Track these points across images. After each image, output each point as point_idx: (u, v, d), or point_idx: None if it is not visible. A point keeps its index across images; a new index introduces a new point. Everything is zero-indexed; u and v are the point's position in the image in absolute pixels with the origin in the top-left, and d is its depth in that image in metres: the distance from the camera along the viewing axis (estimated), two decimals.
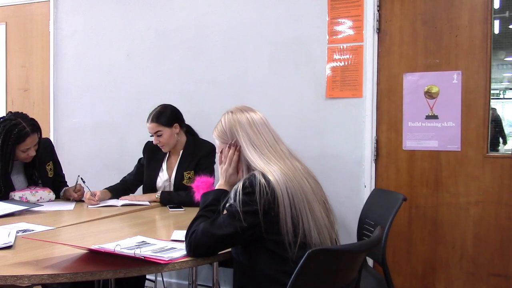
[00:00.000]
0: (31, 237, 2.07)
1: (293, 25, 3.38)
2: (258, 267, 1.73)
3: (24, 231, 2.17)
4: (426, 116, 3.09)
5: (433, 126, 3.07)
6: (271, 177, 1.69)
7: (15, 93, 4.45)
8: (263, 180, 1.68)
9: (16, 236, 2.01)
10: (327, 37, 3.28)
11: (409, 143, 3.14)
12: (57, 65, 4.19)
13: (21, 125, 2.79)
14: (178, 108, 3.10)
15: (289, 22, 3.39)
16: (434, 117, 3.07)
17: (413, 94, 3.12)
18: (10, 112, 2.93)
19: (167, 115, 2.99)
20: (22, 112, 2.90)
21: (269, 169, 1.73)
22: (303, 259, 1.47)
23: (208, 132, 2.02)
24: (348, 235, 3.04)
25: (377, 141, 3.20)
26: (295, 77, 3.38)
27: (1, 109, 4.52)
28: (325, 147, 3.30)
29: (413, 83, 3.12)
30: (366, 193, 3.12)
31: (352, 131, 3.23)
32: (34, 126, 2.85)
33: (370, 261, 2.99)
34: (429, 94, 3.09)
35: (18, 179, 2.96)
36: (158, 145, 3.01)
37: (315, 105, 3.32)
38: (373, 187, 3.17)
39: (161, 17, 3.79)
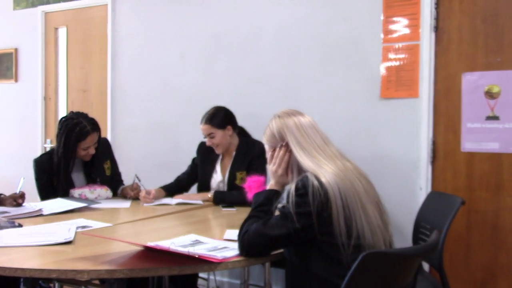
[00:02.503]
0: (90, 233, 2.14)
1: (346, 25, 3.33)
2: (311, 269, 1.72)
3: (83, 227, 2.24)
4: (487, 117, 2.97)
5: (494, 128, 2.95)
6: (323, 179, 1.68)
7: (75, 94, 4.62)
8: (315, 182, 1.67)
9: (75, 232, 2.09)
10: (382, 36, 3.22)
11: (468, 144, 3.03)
12: (114, 66, 4.31)
13: (82, 124, 2.91)
14: (230, 109, 3.12)
15: (342, 22, 3.35)
16: (495, 118, 2.95)
17: (473, 94, 3.01)
18: (72, 112, 3.05)
19: (220, 117, 3.01)
20: (83, 112, 3.01)
21: (321, 170, 1.72)
22: (357, 261, 1.45)
23: (260, 133, 2.03)
24: (403, 239, 2.97)
25: (433, 143, 3.10)
26: (348, 77, 3.33)
27: (62, 109, 4.69)
28: (379, 148, 3.24)
29: (473, 82, 3.01)
30: (421, 196, 3.04)
31: (407, 132, 3.15)
32: (94, 125, 2.96)
33: (426, 266, 2.91)
34: (489, 94, 2.97)
35: (77, 177, 3.08)
36: (211, 146, 3.04)
37: (369, 106, 3.26)
38: (429, 189, 3.08)
39: (214, 19, 3.83)
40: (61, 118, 3.01)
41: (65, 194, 2.94)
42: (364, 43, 3.27)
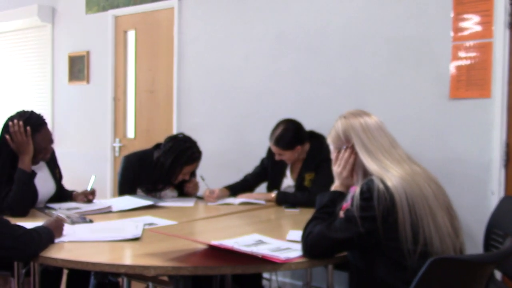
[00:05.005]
0: (157, 230, 2.20)
1: (414, 23, 3.24)
2: (376, 274, 1.69)
3: (150, 224, 2.31)
4: None
5: None
6: (389, 183, 1.65)
7: (143, 94, 4.76)
8: (381, 186, 1.64)
9: (143, 229, 2.15)
10: (452, 34, 3.10)
11: None
12: (180, 68, 4.41)
13: (194, 149, 3.04)
14: (295, 110, 3.11)
15: (410, 20, 3.26)
16: None
17: None
18: (183, 134, 3.13)
19: (288, 140, 2.94)
20: (191, 138, 3.10)
21: (387, 174, 1.68)
22: (424, 267, 1.41)
23: (324, 133, 2.01)
24: (473, 245, 2.85)
25: (507, 145, 2.96)
26: (416, 77, 3.24)
27: (131, 109, 4.85)
28: (448, 150, 3.12)
29: None
30: (494, 201, 2.90)
31: (478, 133, 3.02)
32: (200, 153, 3.07)
33: (498, 275, 2.78)
34: None
35: None
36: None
37: (438, 106, 3.16)
38: (502, 194, 2.94)
39: (279, 19, 3.83)
40: (173, 137, 3.09)
41: (133, 192, 3.04)
42: (433, 42, 3.17)
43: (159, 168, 2.99)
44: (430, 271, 1.40)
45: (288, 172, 3.12)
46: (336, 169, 1.88)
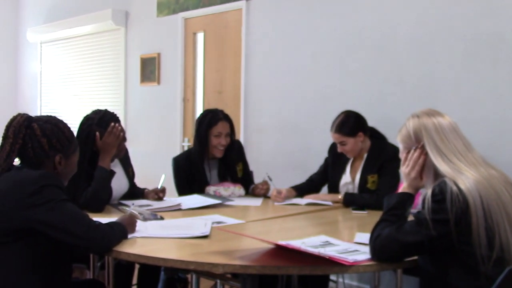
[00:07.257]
0: (225, 228, 2.23)
1: (490, 19, 3.10)
2: (448, 280, 1.64)
3: (218, 222, 2.35)
4: None
5: None
6: (462, 185, 1.59)
7: (211, 95, 4.85)
8: (454, 188, 1.59)
9: (211, 227, 2.19)
10: None
11: None
12: (248, 68, 4.45)
13: (214, 112, 3.19)
14: (364, 110, 3.06)
15: (486, 16, 3.12)
16: None
17: None
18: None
19: (350, 125, 2.94)
20: (215, 108, 3.30)
21: (460, 176, 1.62)
22: (502, 275, 1.36)
23: (393, 135, 1.96)
24: None
25: None
26: (493, 76, 3.09)
27: (199, 109, 4.94)
28: None
29: None
30: None
31: None
32: (225, 116, 3.19)
33: None
34: None
35: (213, 175, 3.23)
36: (343, 152, 3.01)
37: None
38: None
39: (347, 17, 3.78)
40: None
41: (201, 190, 3.10)
42: (511, 38, 3.02)
43: (195, 142, 3.17)
44: (509, 280, 1.34)
45: (348, 169, 3.07)
46: (404, 169, 1.83)
